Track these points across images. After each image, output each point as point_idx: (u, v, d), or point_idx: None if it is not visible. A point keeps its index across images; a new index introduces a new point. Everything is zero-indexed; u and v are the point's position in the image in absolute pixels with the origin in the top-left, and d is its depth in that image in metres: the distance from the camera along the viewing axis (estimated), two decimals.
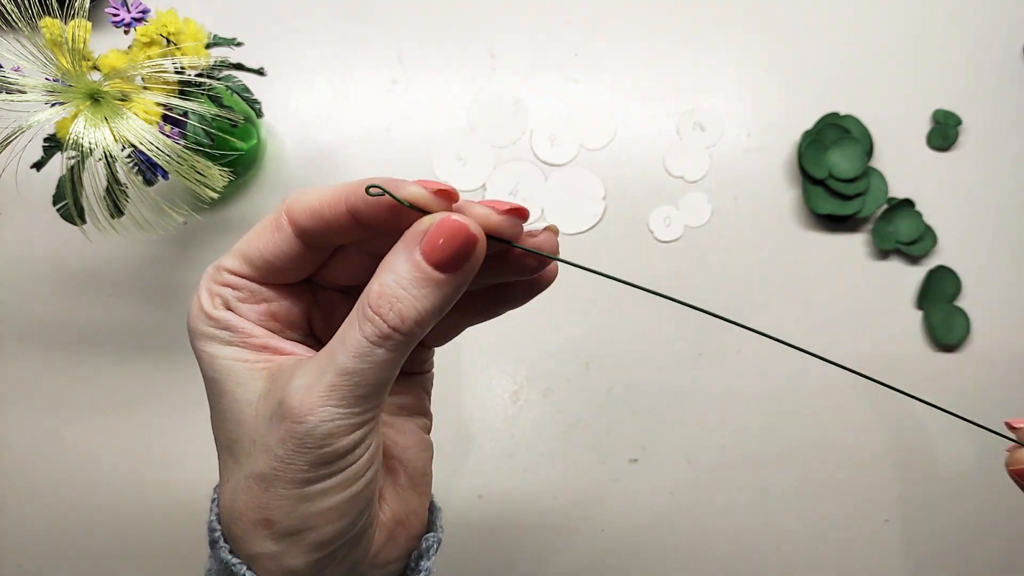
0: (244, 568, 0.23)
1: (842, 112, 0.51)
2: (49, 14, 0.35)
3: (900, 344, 0.50)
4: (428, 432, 0.28)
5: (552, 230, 0.24)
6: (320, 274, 0.25)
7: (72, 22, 0.35)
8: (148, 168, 0.37)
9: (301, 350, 0.24)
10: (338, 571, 0.23)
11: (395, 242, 0.22)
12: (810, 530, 0.48)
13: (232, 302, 0.24)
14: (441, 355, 0.52)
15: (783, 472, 0.48)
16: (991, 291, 0.50)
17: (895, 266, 0.50)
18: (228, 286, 0.24)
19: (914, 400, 0.27)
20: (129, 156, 0.37)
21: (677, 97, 0.52)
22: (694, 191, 0.51)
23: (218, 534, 0.24)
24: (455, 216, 0.21)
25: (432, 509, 0.28)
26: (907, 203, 0.50)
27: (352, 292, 0.25)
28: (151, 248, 0.51)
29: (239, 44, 0.40)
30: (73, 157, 0.36)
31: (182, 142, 0.37)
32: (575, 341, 0.50)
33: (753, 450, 0.49)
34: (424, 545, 0.26)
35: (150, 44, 0.37)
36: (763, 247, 0.51)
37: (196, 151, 0.37)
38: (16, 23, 0.35)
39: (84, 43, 0.36)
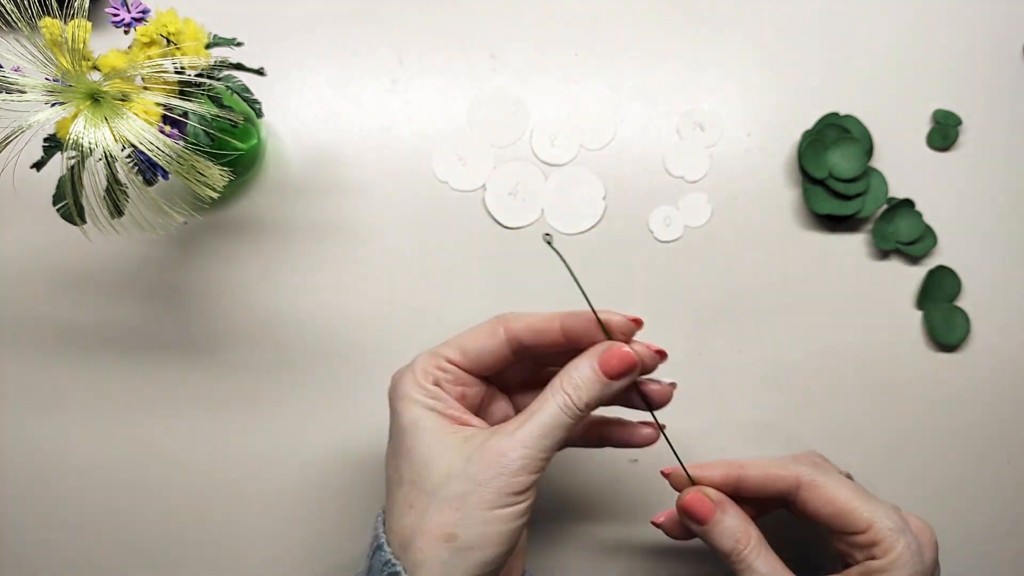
0: (400, 567, 0.30)
1: (842, 112, 0.51)
2: (49, 14, 0.35)
3: (900, 344, 0.50)
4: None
5: (672, 385, 0.38)
6: (499, 376, 0.38)
7: (72, 22, 0.35)
8: (148, 168, 0.37)
9: (481, 423, 0.35)
10: None
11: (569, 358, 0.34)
12: (811, 530, 0.48)
13: (442, 382, 0.34)
14: None
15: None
16: (991, 291, 0.50)
17: (895, 266, 0.50)
18: (440, 369, 0.34)
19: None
20: (129, 156, 0.37)
21: (677, 97, 0.52)
22: (694, 191, 0.51)
23: (383, 539, 0.32)
24: (625, 347, 0.33)
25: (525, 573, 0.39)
26: (907, 203, 0.50)
27: (510, 390, 0.39)
28: (151, 248, 0.51)
29: (239, 44, 0.40)
30: (73, 157, 0.36)
31: (182, 142, 0.37)
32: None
33: (753, 450, 0.49)
34: None
35: (150, 44, 0.37)
36: (763, 247, 0.51)
37: (196, 151, 0.37)
38: (16, 23, 0.35)
39: (84, 43, 0.36)
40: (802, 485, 0.37)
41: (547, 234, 0.32)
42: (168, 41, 0.37)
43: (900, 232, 0.49)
